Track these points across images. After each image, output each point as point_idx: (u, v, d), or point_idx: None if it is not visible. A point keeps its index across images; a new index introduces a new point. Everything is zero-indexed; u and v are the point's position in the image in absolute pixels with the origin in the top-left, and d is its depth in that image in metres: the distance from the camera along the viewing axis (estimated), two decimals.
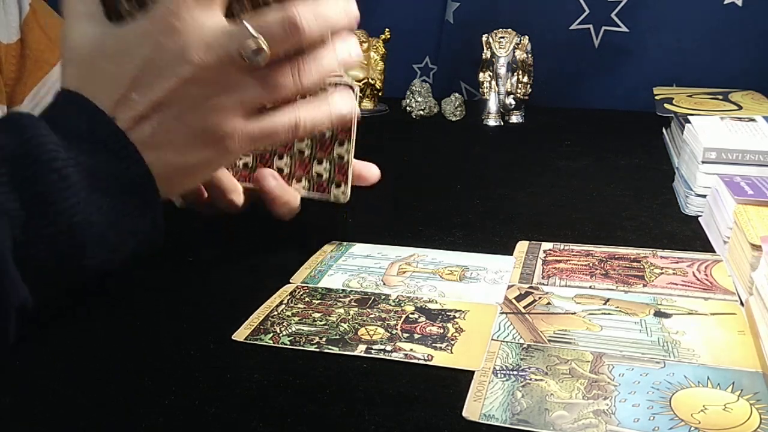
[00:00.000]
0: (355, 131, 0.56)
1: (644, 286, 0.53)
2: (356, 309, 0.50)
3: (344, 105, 0.49)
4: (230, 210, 0.58)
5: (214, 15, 0.43)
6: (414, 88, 1.09)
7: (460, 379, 0.42)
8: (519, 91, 1.02)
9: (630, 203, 0.70)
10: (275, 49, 0.43)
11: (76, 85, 0.44)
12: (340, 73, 0.49)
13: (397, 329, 0.47)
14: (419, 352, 0.44)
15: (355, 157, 0.58)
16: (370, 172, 0.59)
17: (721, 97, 0.89)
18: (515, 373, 0.42)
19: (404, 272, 0.56)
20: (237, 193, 0.56)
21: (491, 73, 1.02)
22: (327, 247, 0.61)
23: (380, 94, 1.09)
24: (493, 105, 1.03)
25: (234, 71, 0.43)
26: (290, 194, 0.57)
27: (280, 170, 0.58)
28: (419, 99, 1.08)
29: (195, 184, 0.47)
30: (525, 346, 0.45)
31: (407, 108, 1.09)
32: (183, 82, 0.42)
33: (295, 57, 0.44)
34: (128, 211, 0.42)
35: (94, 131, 0.41)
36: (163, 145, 0.43)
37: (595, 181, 0.77)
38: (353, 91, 0.51)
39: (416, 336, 0.46)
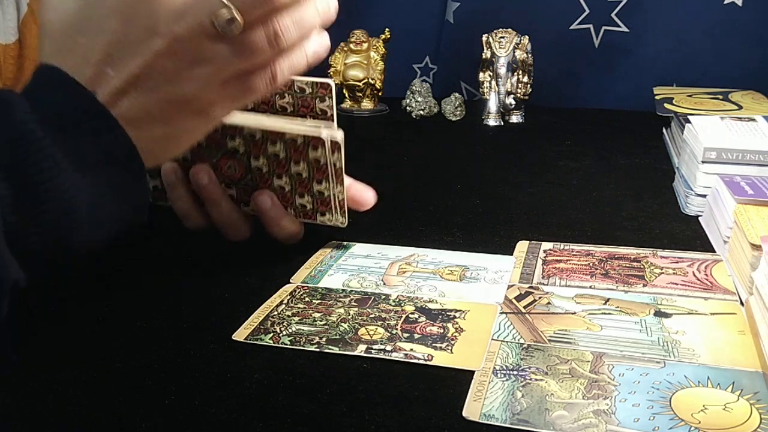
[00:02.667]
0: (337, 162, 0.55)
1: (644, 286, 0.53)
2: (356, 309, 0.50)
3: (319, 45, 0.48)
4: (235, 238, 0.59)
5: (201, 14, 0.42)
6: (414, 88, 1.09)
7: (460, 379, 0.42)
8: (519, 91, 1.02)
9: (630, 203, 0.70)
10: (248, 17, 0.42)
11: (54, 60, 0.43)
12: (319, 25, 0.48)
13: (397, 329, 0.47)
14: (419, 352, 0.44)
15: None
16: (364, 197, 0.59)
17: (721, 97, 0.89)
18: (515, 373, 0.42)
19: (404, 272, 0.56)
20: (239, 226, 0.59)
21: (491, 73, 1.02)
22: (327, 247, 0.61)
23: (380, 94, 1.09)
24: (493, 105, 1.03)
25: (207, 41, 0.42)
26: (287, 218, 0.58)
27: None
28: (419, 99, 1.07)
29: (182, 151, 0.47)
30: (525, 346, 0.45)
31: (407, 108, 1.09)
32: (156, 56, 0.42)
33: (271, 20, 0.43)
34: (114, 185, 0.42)
35: (76, 108, 0.41)
36: (144, 118, 0.43)
37: (595, 181, 0.77)
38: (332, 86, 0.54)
39: (416, 336, 0.46)
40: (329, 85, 0.55)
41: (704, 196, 0.66)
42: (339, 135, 0.55)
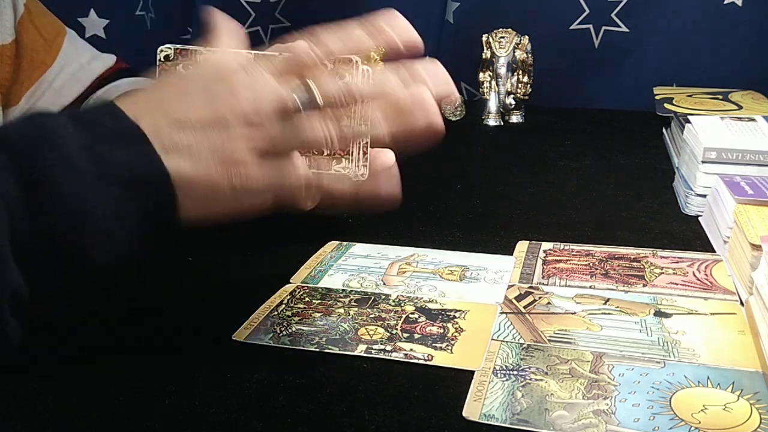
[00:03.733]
0: (361, 107, 0.54)
1: (644, 286, 0.52)
2: (356, 309, 0.50)
3: (361, 183, 0.49)
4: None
5: (271, 77, 0.45)
6: None
7: (460, 379, 0.42)
8: (519, 91, 1.01)
9: (630, 203, 0.70)
10: (327, 101, 0.45)
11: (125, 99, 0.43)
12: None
13: (397, 329, 0.47)
14: (419, 352, 0.44)
15: None
16: (384, 155, 0.57)
17: (721, 97, 0.89)
18: (515, 373, 0.42)
19: (404, 272, 0.56)
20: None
21: (491, 73, 1.02)
22: (327, 247, 0.60)
23: None
24: (493, 105, 1.03)
25: (280, 115, 0.44)
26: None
27: None
28: None
29: (201, 211, 0.45)
30: (525, 346, 0.45)
31: None
32: (231, 113, 0.43)
33: (330, 117, 0.46)
34: (140, 204, 0.40)
35: (115, 126, 0.41)
36: (184, 152, 0.42)
37: (595, 181, 0.77)
38: (356, 66, 0.50)
39: (416, 336, 0.46)
40: (351, 60, 0.49)
41: (704, 196, 0.66)
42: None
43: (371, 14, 0.50)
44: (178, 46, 0.54)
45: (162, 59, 0.55)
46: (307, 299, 0.52)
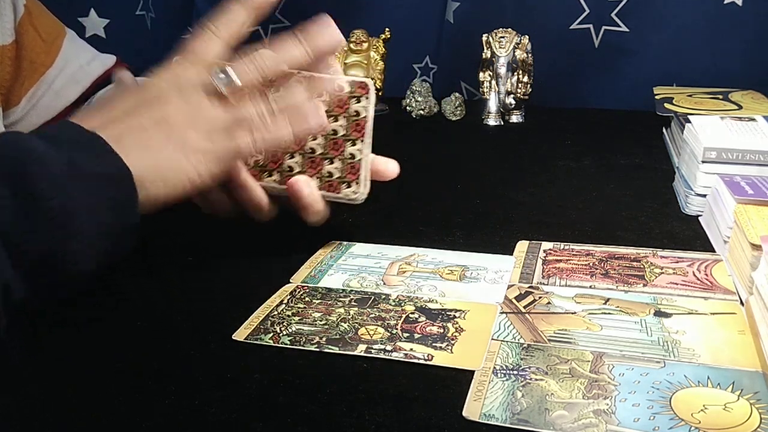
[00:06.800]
0: (370, 130, 0.57)
1: (644, 285, 0.53)
2: (356, 309, 0.50)
3: (310, 118, 0.53)
4: (260, 217, 0.58)
5: (200, 73, 0.52)
6: (414, 88, 1.09)
7: (460, 379, 0.42)
8: (519, 90, 1.01)
9: (630, 203, 0.70)
10: (244, 78, 0.52)
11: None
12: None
13: (397, 329, 0.47)
14: (419, 352, 0.44)
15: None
16: (388, 167, 0.59)
17: (721, 96, 0.89)
18: (515, 372, 0.42)
19: (404, 272, 0.56)
20: (258, 194, 0.57)
21: (491, 73, 1.02)
22: (327, 247, 0.60)
23: (380, 94, 1.09)
24: (493, 105, 1.03)
25: (210, 100, 0.51)
26: (322, 203, 0.57)
27: (290, 168, 0.58)
28: (419, 99, 1.07)
29: (173, 190, 0.50)
30: (525, 345, 0.45)
31: (407, 108, 1.09)
32: (164, 104, 0.50)
33: (261, 93, 0.52)
34: (107, 199, 0.45)
35: (74, 135, 0.46)
36: (138, 145, 0.48)
37: (595, 181, 0.77)
38: (369, 90, 0.56)
39: (416, 336, 0.46)
40: (367, 84, 0.55)
41: (704, 196, 0.66)
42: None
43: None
44: None
45: None
46: (307, 299, 0.52)
